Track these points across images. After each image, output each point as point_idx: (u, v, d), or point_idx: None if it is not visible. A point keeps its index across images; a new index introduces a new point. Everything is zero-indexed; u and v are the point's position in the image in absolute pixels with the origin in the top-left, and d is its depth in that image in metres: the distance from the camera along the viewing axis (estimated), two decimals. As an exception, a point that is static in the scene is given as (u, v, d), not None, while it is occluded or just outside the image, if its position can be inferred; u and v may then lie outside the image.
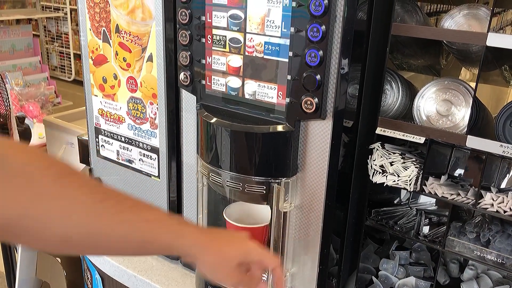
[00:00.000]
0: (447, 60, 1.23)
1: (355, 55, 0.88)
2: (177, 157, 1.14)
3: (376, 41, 0.93)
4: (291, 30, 0.86)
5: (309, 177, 0.95)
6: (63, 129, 2.09)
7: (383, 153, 0.94)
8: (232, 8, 0.91)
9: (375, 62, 0.95)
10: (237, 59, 0.94)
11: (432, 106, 0.98)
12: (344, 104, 0.91)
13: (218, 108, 1.00)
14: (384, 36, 0.91)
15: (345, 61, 0.87)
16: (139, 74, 1.13)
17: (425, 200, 1.27)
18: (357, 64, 0.92)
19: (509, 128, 0.91)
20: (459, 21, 1.01)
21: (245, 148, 0.95)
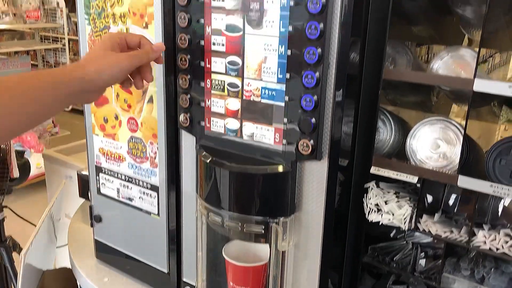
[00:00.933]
0: (437, 97, 1.28)
1: (348, 98, 0.92)
2: (177, 196, 1.16)
3: (368, 83, 0.97)
4: (286, 76, 0.90)
5: (306, 216, 0.97)
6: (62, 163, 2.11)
7: (377, 192, 0.97)
8: (230, 54, 0.95)
9: (368, 103, 0.99)
10: (235, 102, 0.98)
11: (424, 145, 1.01)
12: (339, 145, 0.94)
13: (217, 149, 1.03)
14: (376, 79, 0.95)
15: (339, 104, 0.90)
16: (139, 115, 1.16)
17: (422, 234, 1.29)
18: (351, 106, 0.96)
19: (499, 166, 0.94)
20: (448, 62, 1.06)
21: (243, 189, 0.98)
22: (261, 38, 0.90)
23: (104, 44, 0.91)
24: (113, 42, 0.92)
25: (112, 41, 0.92)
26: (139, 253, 1.28)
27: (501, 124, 1.34)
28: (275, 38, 0.89)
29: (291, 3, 0.85)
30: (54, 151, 2.27)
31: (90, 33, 1.19)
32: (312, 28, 0.84)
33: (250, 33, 0.91)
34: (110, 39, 0.92)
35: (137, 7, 1.07)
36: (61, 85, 0.84)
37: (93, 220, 1.35)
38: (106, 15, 1.13)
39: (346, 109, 0.92)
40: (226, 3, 0.92)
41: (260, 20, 0.89)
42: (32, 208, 3.17)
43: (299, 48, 0.86)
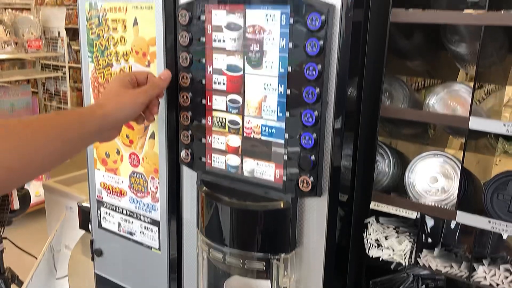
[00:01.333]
0: (434, 130, 1.30)
1: (347, 135, 0.94)
2: (178, 231, 1.17)
3: (366, 120, 0.99)
4: (286, 115, 0.92)
5: (307, 251, 0.98)
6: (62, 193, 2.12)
7: (377, 228, 0.98)
8: (231, 93, 0.97)
9: (366, 139, 1.01)
10: (236, 139, 1.00)
11: (422, 179, 1.02)
12: (339, 181, 0.95)
13: (218, 185, 1.04)
14: (374, 115, 0.97)
15: (337, 141, 0.92)
16: (141, 150, 1.17)
17: (421, 264, 1.30)
18: (349, 142, 0.97)
19: (497, 200, 0.95)
20: (444, 98, 1.08)
21: (244, 225, 0.99)
22: (261, 78, 0.92)
23: (118, 82, 0.96)
24: (125, 80, 0.97)
25: (125, 79, 0.97)
26: (140, 287, 1.28)
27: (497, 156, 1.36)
28: (275, 78, 0.91)
29: (290, 45, 0.87)
30: (54, 181, 2.28)
31: (93, 70, 1.21)
32: (310, 69, 0.86)
33: (250, 73, 0.94)
34: (123, 77, 0.98)
35: (139, 46, 1.10)
36: (85, 123, 0.88)
37: (94, 254, 1.35)
38: (109, 53, 1.16)
39: (345, 146, 0.94)
40: (227, 44, 0.95)
41: (260, 60, 0.92)
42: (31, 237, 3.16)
43: (298, 87, 0.89)
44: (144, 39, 1.09)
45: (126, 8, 1.10)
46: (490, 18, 0.80)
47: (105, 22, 1.15)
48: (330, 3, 0.84)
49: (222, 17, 0.94)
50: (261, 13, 0.89)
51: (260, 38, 0.90)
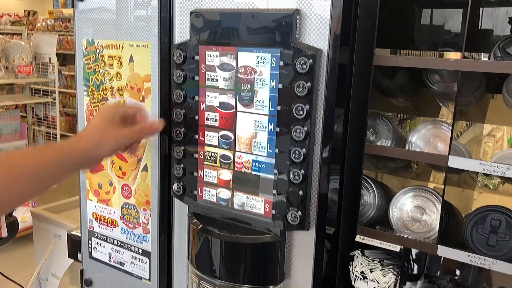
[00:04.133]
0: (417, 165, 1.35)
1: (333, 170, 0.98)
2: (168, 262, 1.19)
3: (352, 156, 1.04)
4: (276, 151, 0.96)
5: (295, 283, 1.01)
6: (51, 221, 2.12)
7: (363, 260, 1.01)
8: (223, 129, 1.02)
9: (352, 175, 1.05)
10: (227, 173, 1.03)
11: (406, 214, 1.06)
12: (326, 215, 0.99)
13: (208, 217, 1.07)
14: (359, 153, 1.02)
15: (325, 177, 0.96)
16: (134, 182, 1.20)
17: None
18: (336, 178, 1.02)
19: (477, 234, 0.99)
20: (426, 135, 1.13)
21: (234, 257, 1.01)
22: (252, 116, 0.97)
23: (103, 116, 0.97)
24: (112, 114, 0.98)
25: (111, 114, 0.98)
26: (129, 318, 1.28)
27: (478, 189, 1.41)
28: (265, 116, 0.96)
29: (280, 86, 0.92)
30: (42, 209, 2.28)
31: (88, 104, 1.25)
32: (298, 109, 0.91)
33: (242, 110, 0.98)
34: (109, 111, 0.99)
35: (135, 82, 1.15)
36: (62, 160, 0.91)
37: (84, 284, 1.36)
38: (104, 87, 1.20)
39: (331, 181, 0.98)
40: (220, 83, 1.00)
41: (251, 99, 0.96)
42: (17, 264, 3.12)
43: (287, 126, 0.93)
44: (139, 75, 1.14)
45: (122, 46, 1.15)
46: (467, 64, 0.86)
47: (101, 58, 1.19)
48: (318, 48, 0.90)
49: (215, 58, 0.99)
50: (252, 56, 0.94)
51: (251, 78, 0.95)
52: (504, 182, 1.40)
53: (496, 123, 1.51)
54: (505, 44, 0.93)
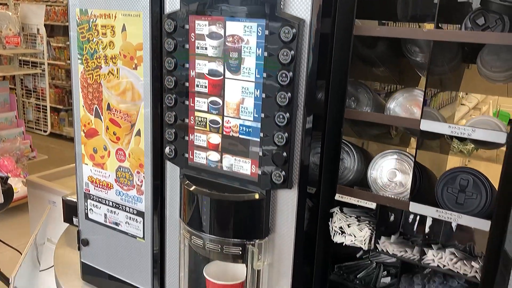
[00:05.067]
0: (396, 131, 1.43)
1: (315, 134, 1.05)
2: (161, 221, 1.27)
3: (332, 121, 1.11)
4: (261, 116, 1.03)
5: (279, 238, 1.09)
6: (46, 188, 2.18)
7: (341, 217, 1.10)
8: (212, 95, 1.08)
9: (332, 139, 1.12)
10: (216, 137, 1.10)
11: (383, 175, 1.15)
12: (307, 175, 1.07)
13: (199, 178, 1.14)
14: (339, 117, 1.09)
15: (307, 140, 1.03)
16: (127, 146, 1.27)
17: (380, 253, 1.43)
18: (317, 141, 1.09)
19: (447, 193, 1.08)
20: (401, 102, 1.21)
21: (223, 214, 1.09)
22: (239, 83, 1.03)
23: None
24: None
25: None
26: (124, 274, 1.37)
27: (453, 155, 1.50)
28: (252, 83, 1.02)
29: (265, 54, 0.99)
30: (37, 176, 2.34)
31: (82, 72, 1.30)
32: (283, 76, 0.97)
33: (230, 77, 1.05)
34: None
35: (127, 50, 1.20)
36: None
37: (81, 244, 1.44)
38: (98, 56, 1.25)
39: (313, 144, 1.06)
40: (209, 51, 1.05)
41: (239, 67, 1.03)
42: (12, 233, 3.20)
43: (272, 92, 1.00)
44: (132, 44, 1.19)
45: (115, 15, 1.20)
46: (438, 34, 0.93)
47: (95, 27, 1.24)
48: (301, 18, 0.96)
49: (204, 27, 1.04)
50: (239, 25, 1.00)
51: (238, 47, 1.01)
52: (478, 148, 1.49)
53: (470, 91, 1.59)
54: (475, 16, 1.00)
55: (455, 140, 1.49)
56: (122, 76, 1.22)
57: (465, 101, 4.45)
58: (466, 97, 4.48)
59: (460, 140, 1.46)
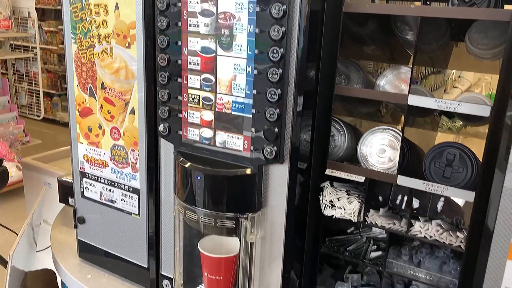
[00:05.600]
0: (387, 109, 1.45)
1: (306, 110, 1.08)
2: (156, 197, 1.29)
3: (323, 98, 1.13)
4: (253, 92, 1.05)
5: (271, 211, 1.12)
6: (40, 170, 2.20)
7: (331, 191, 1.13)
8: (204, 73, 1.10)
9: (323, 115, 1.15)
10: (209, 114, 1.12)
11: (373, 151, 1.18)
12: (299, 151, 1.10)
13: (193, 155, 1.17)
14: (329, 94, 1.11)
15: (298, 116, 1.06)
16: (122, 124, 1.29)
17: (376, 230, 1.47)
18: (308, 117, 1.11)
19: (434, 167, 1.11)
20: (391, 79, 1.23)
21: (216, 189, 1.12)
22: (231, 59, 1.05)
23: None
24: None
25: None
26: (120, 250, 1.40)
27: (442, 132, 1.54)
28: (243, 59, 1.04)
29: (257, 31, 1.00)
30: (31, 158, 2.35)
31: (76, 51, 1.31)
32: (274, 52, 0.99)
33: (222, 54, 1.06)
34: None
35: (120, 29, 1.21)
36: None
37: (77, 222, 1.46)
38: (91, 35, 1.26)
39: (304, 120, 1.08)
40: (201, 28, 1.07)
41: (231, 44, 1.04)
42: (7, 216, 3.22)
43: (264, 68, 1.02)
44: (125, 23, 1.20)
45: (107, -6, 1.20)
46: (424, 10, 0.95)
47: (88, 7, 1.25)
48: (291, -5, 0.97)
49: (196, 4, 1.06)
50: (231, 2, 1.01)
51: (230, 23, 1.03)
52: (466, 124, 1.53)
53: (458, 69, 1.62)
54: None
55: (444, 117, 1.52)
56: (115, 55, 1.24)
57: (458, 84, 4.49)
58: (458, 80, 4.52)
59: (449, 117, 1.49)
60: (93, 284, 1.40)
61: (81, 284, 1.40)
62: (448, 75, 1.94)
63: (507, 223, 0.90)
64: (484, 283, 0.94)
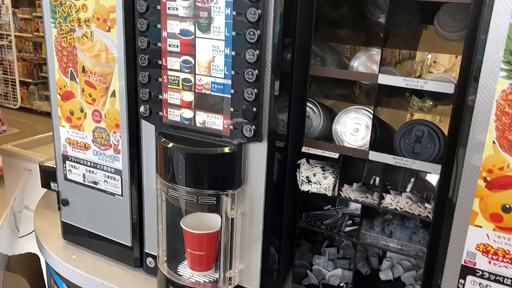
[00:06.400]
0: (360, 90, 1.51)
1: (282, 91, 1.13)
2: (138, 177, 1.33)
3: (299, 78, 1.18)
4: (232, 73, 1.09)
5: (251, 188, 1.17)
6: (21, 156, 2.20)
7: (308, 167, 1.18)
8: (184, 54, 1.13)
9: (299, 95, 1.20)
10: (189, 95, 1.16)
11: (346, 129, 1.23)
12: (276, 129, 1.15)
13: (174, 135, 1.20)
14: (304, 75, 1.16)
15: (275, 96, 1.10)
16: (103, 107, 1.31)
17: (351, 206, 1.53)
18: (285, 97, 1.16)
19: (404, 144, 1.17)
20: (363, 60, 1.29)
21: (197, 167, 1.16)
22: (210, 41, 1.09)
23: None
24: None
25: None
26: (104, 230, 1.43)
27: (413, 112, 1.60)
28: (221, 41, 1.08)
29: (234, 13, 1.04)
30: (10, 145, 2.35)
31: (56, 35, 1.33)
32: (251, 34, 1.03)
33: (200, 36, 1.10)
34: None
35: (100, 13, 1.23)
36: None
37: (60, 204, 1.49)
38: (71, 19, 1.28)
39: (281, 100, 1.13)
40: (179, 11, 1.10)
41: (209, 26, 1.08)
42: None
43: (241, 50, 1.06)
44: (105, 7, 1.22)
45: (86, -22, 1.22)
46: (393, -7, 1.00)
47: (67, -10, 1.26)
48: (267, -22, 1.01)
49: (175, -12, 1.09)
50: (209, -15, 1.04)
51: (208, 6, 1.06)
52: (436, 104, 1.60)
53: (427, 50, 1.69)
54: (429, -24, 1.07)
55: (414, 97, 1.59)
56: (96, 38, 1.26)
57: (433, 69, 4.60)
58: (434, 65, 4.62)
59: (419, 97, 1.56)
60: (78, 265, 1.43)
61: (66, 265, 1.43)
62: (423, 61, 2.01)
63: (469, 192, 0.97)
64: (449, 249, 1.01)
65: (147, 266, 1.39)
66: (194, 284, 1.24)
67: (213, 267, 1.27)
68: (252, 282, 1.24)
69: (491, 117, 0.90)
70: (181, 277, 1.27)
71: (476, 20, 0.90)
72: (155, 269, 1.35)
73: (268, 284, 1.24)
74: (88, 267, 1.42)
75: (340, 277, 1.35)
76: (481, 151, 0.93)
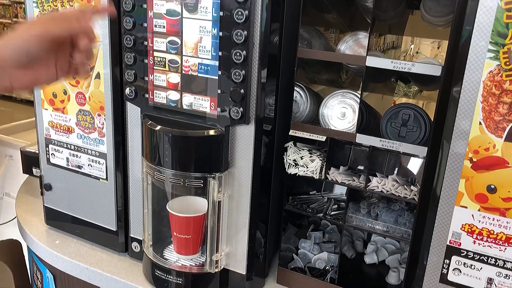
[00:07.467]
0: (347, 75, 1.51)
1: (270, 73, 1.12)
2: (123, 161, 1.31)
3: (286, 61, 1.18)
4: (219, 54, 1.08)
5: (238, 171, 1.17)
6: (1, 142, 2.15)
7: (295, 150, 1.18)
8: (170, 35, 1.11)
9: (286, 78, 1.19)
10: (175, 76, 1.14)
11: (333, 113, 1.23)
12: (263, 112, 1.14)
13: (160, 117, 1.19)
14: (292, 58, 1.15)
15: (263, 77, 1.10)
16: (87, 89, 1.29)
17: (337, 191, 1.54)
18: (273, 80, 1.16)
19: (390, 127, 1.18)
20: (351, 44, 1.28)
21: (184, 150, 1.15)
22: (197, 22, 1.07)
23: None
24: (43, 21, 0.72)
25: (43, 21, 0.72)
26: (88, 215, 1.41)
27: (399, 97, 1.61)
28: (209, 22, 1.06)
29: (222, -7, 1.03)
30: (-10, 131, 2.30)
31: (38, 15, 1.29)
32: (239, 14, 1.02)
33: (187, 17, 1.08)
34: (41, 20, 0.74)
35: (84, -8, 1.20)
36: None
37: (43, 189, 1.46)
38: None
39: (269, 82, 1.12)
40: (166, -9, 1.08)
41: (196, 6, 1.06)
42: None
43: (229, 30, 1.05)
44: (88, -14, 1.19)
45: (70, -44, 1.19)
46: (382, -26, 1.00)
47: (49, -31, 1.23)
48: (255, -42, 1.00)
49: (161, -33, 1.07)
50: (196, -36, 1.03)
51: (195, -14, 1.05)
52: (421, 90, 1.61)
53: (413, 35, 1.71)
54: (417, -41, 1.07)
55: (400, 83, 1.60)
56: (79, 18, 1.23)
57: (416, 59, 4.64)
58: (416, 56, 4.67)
59: (405, 82, 1.57)
60: (61, 250, 1.41)
61: (49, 250, 1.41)
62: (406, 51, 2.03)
63: (455, 173, 0.98)
64: (434, 229, 1.02)
65: (132, 251, 1.38)
66: (180, 267, 1.24)
67: (199, 251, 1.27)
68: (239, 266, 1.24)
69: (478, 98, 0.91)
70: (167, 261, 1.26)
71: (464, 1, 0.90)
72: (141, 254, 1.34)
73: (255, 268, 1.24)
74: (72, 252, 1.41)
75: (326, 261, 1.36)
76: (467, 132, 0.94)
